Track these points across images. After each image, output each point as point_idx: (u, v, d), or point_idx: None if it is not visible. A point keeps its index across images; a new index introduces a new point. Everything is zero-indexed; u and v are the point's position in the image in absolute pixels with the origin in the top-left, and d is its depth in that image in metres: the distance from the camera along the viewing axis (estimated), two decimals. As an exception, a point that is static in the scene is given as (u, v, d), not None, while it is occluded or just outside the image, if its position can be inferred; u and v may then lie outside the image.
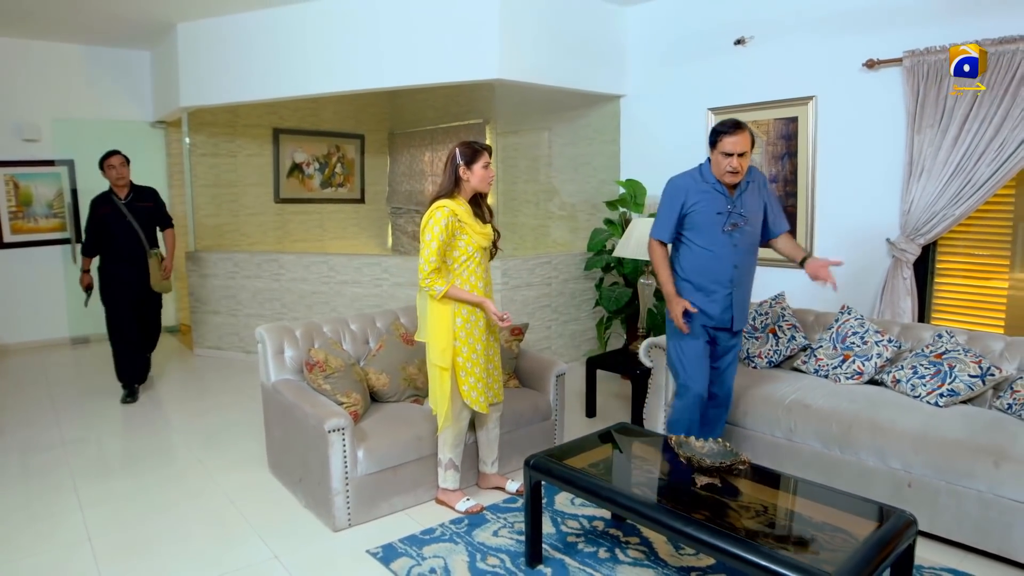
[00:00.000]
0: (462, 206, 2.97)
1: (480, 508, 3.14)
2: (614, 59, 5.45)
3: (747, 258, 3.14)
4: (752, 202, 3.10)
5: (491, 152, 3.05)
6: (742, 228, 3.07)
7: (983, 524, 2.67)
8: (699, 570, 2.65)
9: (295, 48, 5.30)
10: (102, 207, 4.77)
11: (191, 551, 2.82)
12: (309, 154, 7.84)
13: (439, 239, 2.87)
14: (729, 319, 3.14)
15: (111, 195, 4.80)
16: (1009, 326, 3.80)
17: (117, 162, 4.72)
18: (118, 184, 4.77)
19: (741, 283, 3.13)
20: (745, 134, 2.95)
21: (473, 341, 3.02)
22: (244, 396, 4.89)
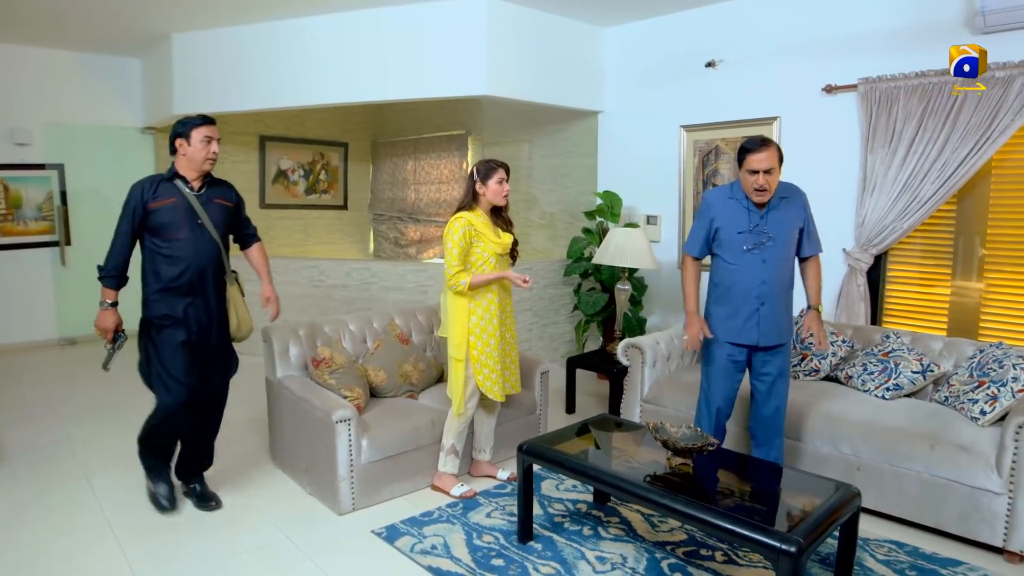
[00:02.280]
0: (480, 217, 3.28)
1: (473, 493, 3.41)
2: (593, 77, 5.77)
3: (778, 275, 3.08)
4: (783, 219, 3.07)
5: (507, 169, 3.34)
6: (766, 246, 3.04)
7: (921, 501, 3.03)
8: (672, 544, 2.96)
9: (288, 61, 5.53)
10: (162, 196, 3.02)
11: (207, 534, 3.04)
12: (294, 161, 8.06)
13: (459, 246, 3.20)
14: (755, 336, 3.09)
15: (176, 180, 3.07)
16: (951, 328, 4.19)
17: (214, 132, 3.10)
18: (203, 166, 3.09)
19: (771, 299, 3.07)
20: (771, 150, 2.94)
21: (487, 336, 3.31)
22: (237, 393, 5.03)
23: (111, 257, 3.07)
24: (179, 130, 3.05)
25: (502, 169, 3.33)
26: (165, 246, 3.04)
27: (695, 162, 5.28)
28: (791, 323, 3.20)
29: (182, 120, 3.08)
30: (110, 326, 3.10)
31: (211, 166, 3.14)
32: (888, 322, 4.46)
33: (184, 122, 3.07)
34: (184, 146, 3.05)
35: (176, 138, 3.06)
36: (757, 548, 2.19)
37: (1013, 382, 3.08)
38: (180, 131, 3.05)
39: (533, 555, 2.87)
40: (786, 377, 3.19)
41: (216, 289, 3.20)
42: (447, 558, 2.84)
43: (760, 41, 4.79)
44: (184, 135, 3.04)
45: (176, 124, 3.07)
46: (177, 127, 3.06)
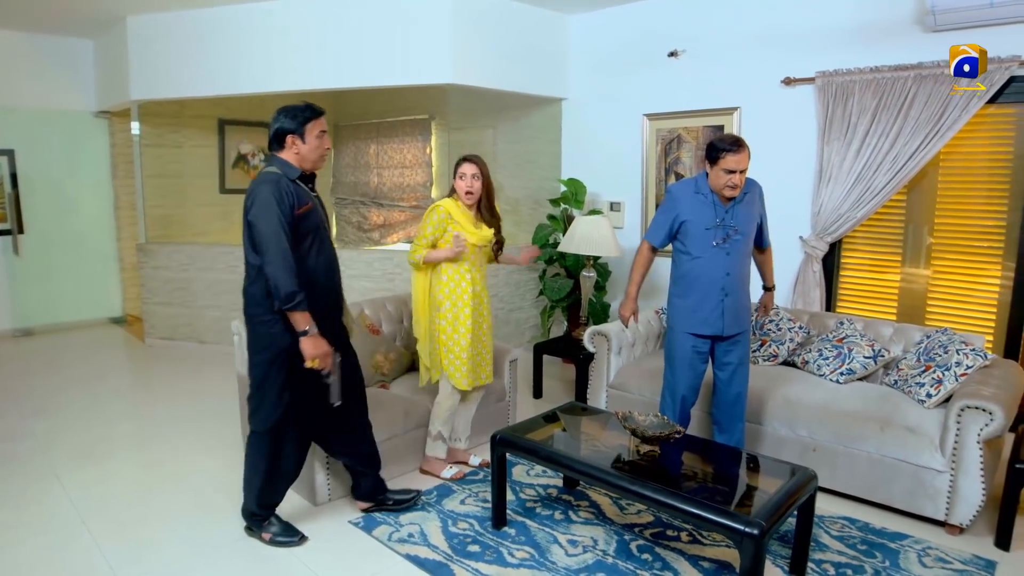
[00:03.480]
0: (459, 207, 3.34)
1: (462, 475, 3.50)
2: (557, 64, 5.81)
3: (740, 266, 3.22)
4: (747, 213, 3.19)
5: (477, 163, 3.34)
6: (733, 239, 3.16)
7: (871, 479, 3.22)
8: (640, 526, 3.09)
9: (249, 46, 5.44)
10: (301, 200, 2.67)
11: (185, 528, 3.06)
12: (255, 145, 7.92)
13: (430, 231, 3.31)
14: (720, 326, 3.21)
15: (304, 183, 2.75)
16: (900, 313, 4.39)
17: (325, 124, 2.76)
18: (318, 164, 2.78)
19: (734, 290, 3.20)
20: (746, 152, 3.04)
21: (458, 323, 3.37)
22: (205, 383, 5.08)
23: (285, 277, 2.53)
24: (289, 126, 2.66)
25: (467, 163, 3.34)
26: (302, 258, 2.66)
27: (658, 150, 5.38)
28: (750, 311, 3.36)
29: (287, 112, 2.68)
30: (329, 348, 2.68)
31: (323, 163, 2.84)
32: (842, 307, 4.65)
33: (291, 114, 2.67)
34: (297, 144, 2.68)
35: (286, 135, 2.67)
36: (723, 531, 2.31)
37: (957, 366, 3.27)
38: (290, 127, 2.66)
39: (507, 540, 2.97)
40: (746, 365, 3.34)
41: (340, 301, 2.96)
42: (424, 546, 2.92)
43: (722, 32, 4.89)
44: (297, 132, 2.66)
45: (280, 118, 2.68)
46: (284, 122, 2.66)
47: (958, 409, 2.99)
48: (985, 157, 4.05)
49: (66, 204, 6.84)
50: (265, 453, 2.83)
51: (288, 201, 2.59)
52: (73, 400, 4.71)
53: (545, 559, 2.83)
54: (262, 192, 2.58)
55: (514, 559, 2.83)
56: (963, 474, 2.98)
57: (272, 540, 2.92)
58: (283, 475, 2.92)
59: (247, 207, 2.63)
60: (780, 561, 2.80)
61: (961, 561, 2.85)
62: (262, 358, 2.75)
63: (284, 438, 2.84)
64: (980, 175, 4.06)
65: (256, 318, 2.73)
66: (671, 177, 5.32)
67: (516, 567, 2.77)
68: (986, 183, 4.05)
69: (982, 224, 4.08)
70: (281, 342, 2.68)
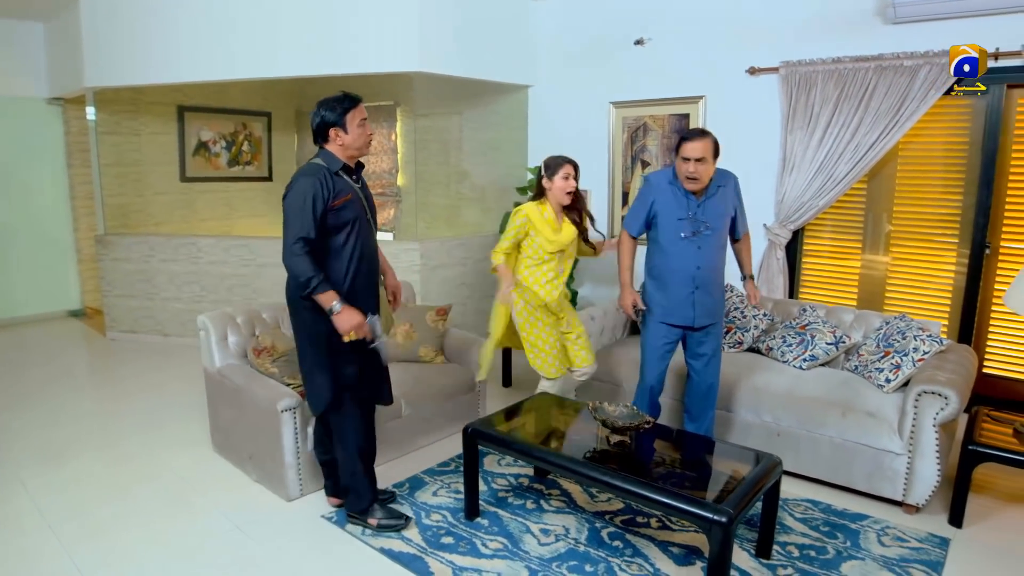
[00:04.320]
0: (545, 212, 3.39)
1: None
2: (524, 52, 5.79)
3: (712, 260, 3.20)
4: (719, 207, 3.18)
5: (575, 165, 3.39)
6: (703, 234, 3.15)
7: (833, 462, 3.31)
8: (611, 513, 3.14)
9: (209, 31, 5.31)
10: (339, 192, 2.71)
11: (155, 528, 3.02)
12: (215, 132, 7.76)
13: (511, 235, 3.44)
14: (690, 317, 3.24)
15: (344, 171, 2.77)
16: (860, 299, 4.51)
17: (365, 111, 2.77)
18: (364, 152, 2.81)
19: (705, 284, 3.20)
20: (705, 141, 3.03)
21: (534, 319, 3.48)
22: (171, 377, 5.00)
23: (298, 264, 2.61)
24: (330, 118, 2.68)
25: (569, 165, 3.39)
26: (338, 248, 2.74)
27: (624, 138, 5.42)
28: (723, 303, 3.37)
29: (325, 105, 2.70)
30: (361, 318, 2.70)
31: (368, 150, 2.86)
32: (804, 293, 4.75)
33: (330, 106, 2.69)
34: (340, 135, 2.70)
35: (329, 128, 2.70)
36: (692, 519, 2.37)
37: (914, 352, 3.37)
38: (332, 119, 2.68)
39: (481, 531, 3.00)
40: (719, 356, 3.37)
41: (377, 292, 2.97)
42: (398, 539, 2.93)
43: (687, 21, 4.92)
44: (339, 124, 2.68)
45: (321, 111, 2.69)
46: (325, 115, 2.68)
47: (915, 394, 3.09)
48: (941, 147, 4.16)
49: (19, 194, 6.63)
50: (351, 427, 2.91)
51: (323, 194, 2.64)
52: (34, 398, 4.61)
53: (518, 549, 2.87)
54: (298, 183, 2.64)
55: (488, 550, 2.86)
56: (920, 456, 3.09)
57: (379, 526, 2.98)
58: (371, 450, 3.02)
59: (283, 199, 2.70)
60: (747, 545, 2.88)
61: (917, 539, 2.96)
62: (306, 342, 2.83)
63: (358, 408, 2.91)
64: (937, 165, 4.18)
65: (296, 303, 2.79)
66: (637, 165, 5.36)
67: (490, 558, 2.80)
68: (942, 172, 4.16)
69: (938, 212, 4.20)
70: (326, 326, 2.73)
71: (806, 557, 2.82)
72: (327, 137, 2.73)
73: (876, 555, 2.84)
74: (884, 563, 2.78)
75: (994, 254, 4.07)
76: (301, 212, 2.60)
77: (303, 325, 2.82)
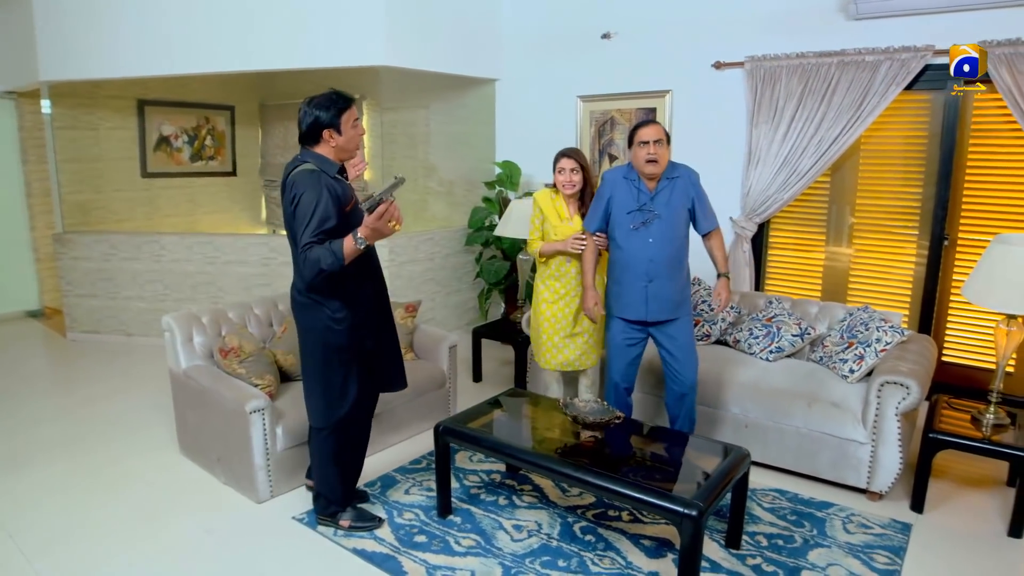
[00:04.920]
0: (556, 200, 3.41)
1: None
2: (491, 45, 5.77)
3: (664, 252, 3.16)
4: (670, 199, 3.16)
5: (576, 156, 3.36)
6: (653, 224, 3.14)
7: (799, 452, 3.38)
8: (583, 507, 3.17)
9: (170, 23, 5.19)
10: (347, 195, 2.67)
11: (121, 535, 2.95)
12: (177, 126, 7.60)
13: (533, 223, 3.53)
14: (643, 312, 3.21)
15: (342, 174, 2.75)
16: (824, 291, 4.60)
17: (356, 111, 2.70)
18: (355, 153, 2.78)
19: (659, 276, 3.17)
20: (658, 126, 3.10)
21: (546, 307, 3.50)
22: (135, 379, 4.90)
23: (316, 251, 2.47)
24: (324, 119, 2.57)
25: (565, 159, 3.37)
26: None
27: (591, 132, 5.43)
28: (685, 299, 3.30)
29: (318, 104, 2.59)
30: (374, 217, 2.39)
31: (357, 152, 2.77)
32: (770, 285, 4.82)
33: (324, 106, 2.59)
34: (334, 137, 2.61)
35: (323, 129, 2.59)
36: (663, 513, 2.40)
37: (877, 343, 3.45)
38: (326, 120, 2.58)
39: (454, 528, 3.00)
40: (690, 352, 3.29)
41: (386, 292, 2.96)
42: (371, 538, 2.92)
43: (653, 15, 4.95)
44: (333, 125, 2.59)
45: (315, 111, 2.58)
46: (319, 115, 2.57)
47: (878, 384, 3.16)
48: (902, 142, 4.24)
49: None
50: (332, 446, 2.87)
51: (335, 202, 2.56)
52: (-10, 401, 4.49)
53: (491, 546, 2.87)
54: (307, 194, 2.51)
55: (461, 547, 2.86)
56: (883, 445, 3.16)
57: (351, 527, 2.96)
58: (355, 463, 3.02)
59: (288, 204, 2.56)
60: (717, 536, 2.92)
61: (880, 525, 3.03)
62: (323, 352, 2.75)
63: (348, 429, 2.89)
64: (897, 159, 4.27)
65: (303, 308, 2.73)
66: (605, 159, 5.38)
67: (463, 555, 2.81)
68: (903, 166, 4.25)
69: (899, 205, 4.29)
70: (349, 339, 2.71)
71: (774, 546, 2.87)
72: (319, 138, 2.62)
73: (841, 542, 2.91)
74: (849, 550, 2.85)
75: (952, 246, 4.17)
76: (309, 224, 2.48)
77: (321, 339, 2.72)
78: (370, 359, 2.85)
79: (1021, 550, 2.89)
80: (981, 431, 3.13)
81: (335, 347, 2.72)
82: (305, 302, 2.73)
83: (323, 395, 2.80)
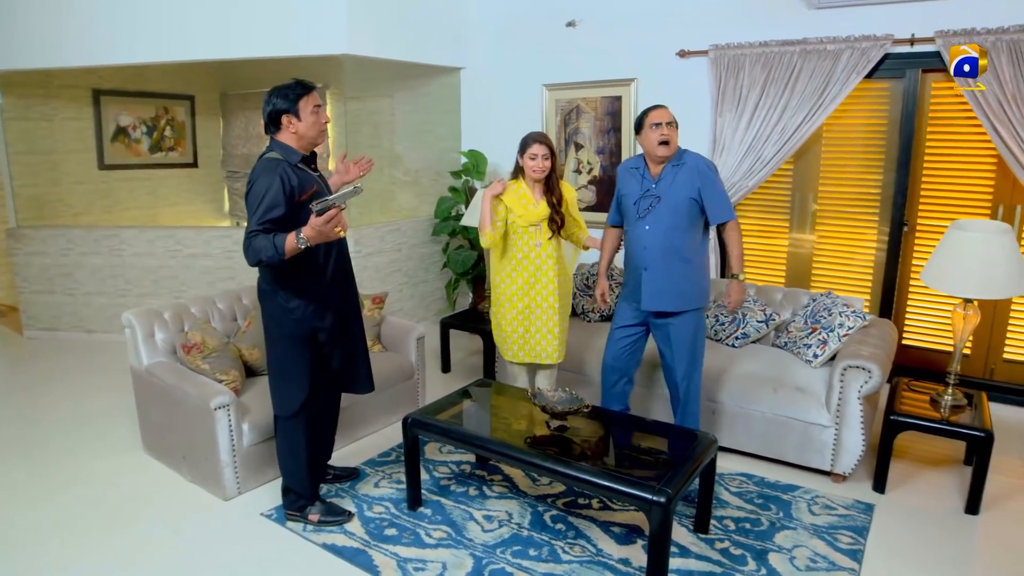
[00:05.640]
0: (519, 188, 3.40)
1: None
2: (455, 34, 5.72)
3: (658, 240, 3.08)
4: (673, 183, 3.07)
5: (546, 141, 3.33)
6: (652, 211, 3.08)
7: (766, 437, 3.43)
8: (553, 496, 3.18)
9: (125, 11, 5.04)
10: (304, 185, 2.64)
11: (84, 538, 2.88)
12: (135, 117, 7.41)
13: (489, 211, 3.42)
14: (638, 299, 3.17)
15: (304, 162, 2.71)
16: (788, 277, 4.66)
17: (318, 98, 2.68)
18: (318, 140, 2.75)
19: (654, 265, 3.10)
20: (668, 109, 3.09)
21: (504, 299, 3.48)
22: (97, 377, 4.79)
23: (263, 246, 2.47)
24: (281, 105, 2.60)
25: (536, 144, 3.32)
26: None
27: (557, 121, 5.42)
28: (688, 294, 3.13)
29: (277, 92, 2.62)
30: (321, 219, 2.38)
31: (324, 138, 2.78)
32: (736, 272, 4.87)
33: (281, 94, 2.61)
34: (293, 123, 2.62)
35: (281, 115, 2.61)
36: (632, 501, 2.42)
37: (840, 328, 3.51)
38: (283, 106, 2.60)
39: (424, 521, 2.99)
40: (685, 350, 3.17)
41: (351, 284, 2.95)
42: (341, 533, 2.90)
43: (618, 4, 4.94)
44: (290, 111, 2.60)
45: (271, 100, 2.62)
46: (276, 102, 2.60)
47: (841, 369, 3.22)
48: (862, 129, 4.31)
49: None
50: (301, 438, 2.88)
51: (286, 190, 2.55)
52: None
53: (462, 537, 2.87)
54: (259, 183, 2.55)
55: (432, 539, 2.86)
56: (846, 427, 3.23)
57: (320, 521, 2.94)
58: (323, 456, 3.07)
59: (246, 195, 2.60)
60: (685, 521, 2.96)
61: (844, 506, 3.10)
62: (280, 339, 2.78)
63: (314, 418, 2.90)
64: (858, 146, 4.34)
65: (267, 297, 2.75)
66: (571, 148, 5.37)
67: (434, 547, 2.80)
68: (863, 154, 4.32)
69: (860, 192, 4.36)
70: (300, 327, 2.73)
71: (742, 530, 2.92)
72: (279, 125, 2.64)
73: (807, 524, 2.96)
74: (814, 531, 2.91)
75: (911, 231, 4.26)
76: (256, 211, 2.51)
77: (279, 326, 2.76)
78: (328, 353, 2.87)
79: (978, 526, 2.98)
80: (940, 412, 3.21)
81: (289, 335, 2.76)
82: (267, 289, 2.76)
83: (284, 381, 2.83)
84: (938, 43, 3.81)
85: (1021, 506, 3.14)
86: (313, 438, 2.93)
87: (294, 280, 2.70)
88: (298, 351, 2.77)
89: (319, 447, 3.02)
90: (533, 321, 3.48)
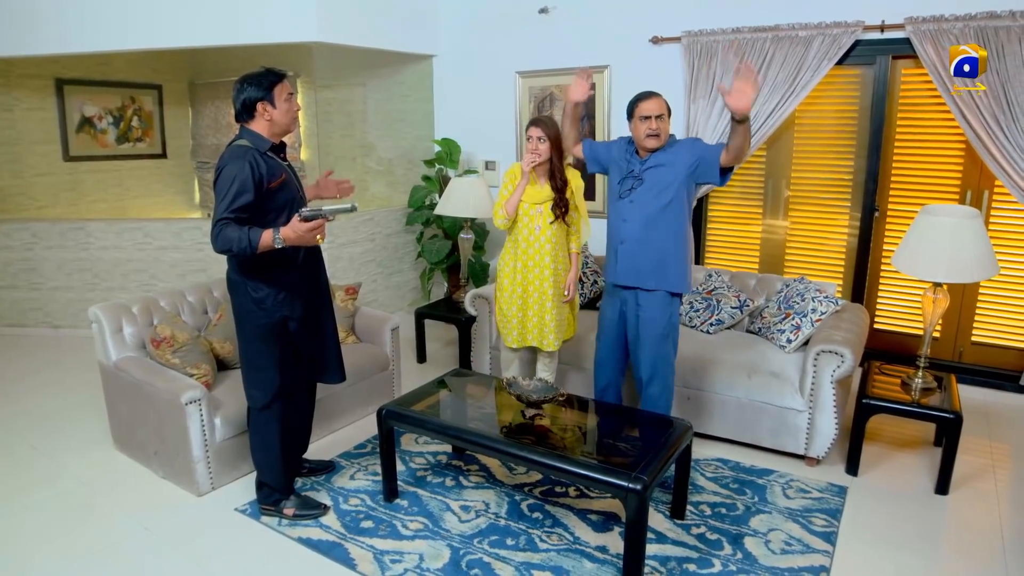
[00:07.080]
0: (519, 168, 3.43)
1: None
2: (427, 21, 5.65)
3: (638, 214, 3.05)
4: (660, 168, 3.02)
5: (542, 124, 3.31)
6: (636, 190, 3.06)
7: (741, 422, 3.46)
8: (530, 485, 3.18)
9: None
10: (273, 173, 2.61)
11: (54, 538, 2.82)
12: (100, 107, 7.24)
13: (501, 194, 3.48)
14: (615, 272, 3.15)
15: (273, 151, 2.67)
16: (762, 263, 4.69)
17: (291, 86, 2.67)
18: (291, 128, 2.71)
19: (632, 239, 3.07)
20: (659, 99, 3.02)
21: (503, 281, 3.54)
22: (65, 373, 4.69)
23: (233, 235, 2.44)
24: (256, 94, 2.56)
25: (532, 127, 3.33)
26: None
27: (531, 108, 5.39)
28: (664, 274, 3.07)
29: (249, 80, 2.57)
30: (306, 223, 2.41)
31: (295, 126, 2.76)
32: (709, 259, 4.90)
33: (255, 82, 2.57)
34: (268, 110, 2.58)
35: (256, 103, 2.56)
36: (609, 489, 2.42)
37: (812, 313, 3.54)
38: (258, 94, 2.56)
39: (400, 512, 2.98)
40: (655, 333, 3.11)
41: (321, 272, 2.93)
42: (316, 527, 2.87)
43: (590, -10, 4.91)
44: (266, 98, 2.56)
45: (244, 87, 2.56)
46: (250, 91, 2.56)
47: (814, 354, 3.25)
48: (834, 116, 4.34)
49: None
50: (274, 432, 2.85)
51: (255, 177, 2.52)
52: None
53: (439, 528, 2.86)
54: (227, 170, 2.51)
55: (408, 531, 2.84)
56: (819, 412, 3.26)
57: (295, 515, 2.91)
58: (298, 449, 3.08)
59: (214, 182, 2.56)
60: (662, 507, 2.97)
61: (818, 489, 3.13)
62: (250, 329, 2.74)
63: (287, 409, 2.88)
64: (830, 132, 4.36)
65: (236, 287, 2.72)
66: (547, 136, 5.34)
67: (411, 539, 2.79)
68: (835, 140, 4.35)
69: (832, 178, 4.40)
70: (270, 316, 2.70)
71: (718, 515, 2.94)
72: (254, 113, 2.60)
73: (782, 507, 2.99)
74: (789, 515, 2.94)
75: (883, 217, 4.30)
76: (225, 197, 2.47)
77: (248, 316, 2.73)
78: (298, 343, 2.83)
79: (947, 506, 3.04)
80: (910, 395, 3.26)
81: (259, 324, 2.72)
82: (236, 280, 2.72)
83: (256, 372, 2.80)
84: (908, 30, 3.84)
85: (989, 486, 3.20)
86: (287, 431, 2.90)
87: (264, 269, 2.66)
88: (269, 341, 2.74)
89: (293, 440, 3.00)
90: (531, 305, 3.49)
